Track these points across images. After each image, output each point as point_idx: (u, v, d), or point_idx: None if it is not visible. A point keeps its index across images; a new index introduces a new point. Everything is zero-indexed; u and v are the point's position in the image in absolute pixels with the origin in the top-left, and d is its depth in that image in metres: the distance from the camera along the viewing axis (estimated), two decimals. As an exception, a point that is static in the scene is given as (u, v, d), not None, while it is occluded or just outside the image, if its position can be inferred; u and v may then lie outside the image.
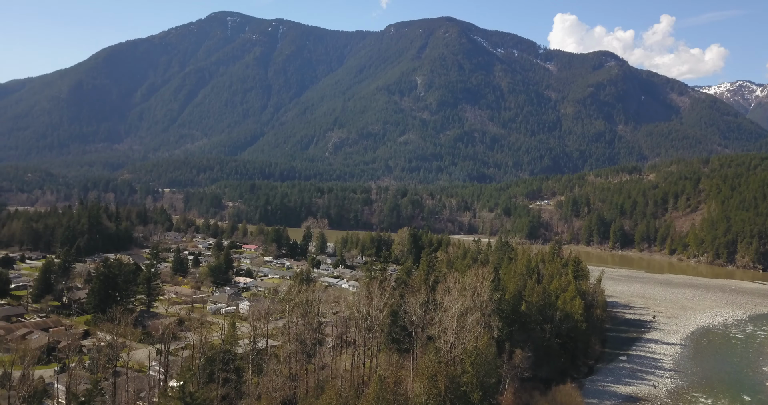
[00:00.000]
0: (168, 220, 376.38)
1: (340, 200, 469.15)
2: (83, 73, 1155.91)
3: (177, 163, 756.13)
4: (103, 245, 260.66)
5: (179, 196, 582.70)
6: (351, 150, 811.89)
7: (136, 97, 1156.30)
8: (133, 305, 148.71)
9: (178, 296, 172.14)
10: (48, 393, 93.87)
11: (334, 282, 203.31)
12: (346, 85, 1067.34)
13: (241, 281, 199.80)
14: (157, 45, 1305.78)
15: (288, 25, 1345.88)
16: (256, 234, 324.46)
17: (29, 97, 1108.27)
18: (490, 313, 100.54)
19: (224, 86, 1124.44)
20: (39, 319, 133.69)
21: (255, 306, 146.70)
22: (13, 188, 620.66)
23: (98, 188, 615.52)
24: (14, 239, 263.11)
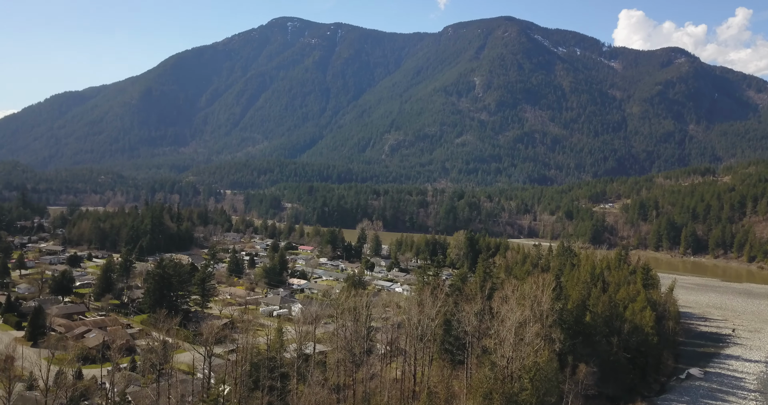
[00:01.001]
0: (228, 221, 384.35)
1: (395, 202, 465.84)
2: (152, 80, 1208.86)
3: (239, 165, 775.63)
4: (165, 245, 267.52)
5: (240, 198, 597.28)
6: (407, 152, 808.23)
7: (201, 101, 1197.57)
8: (187, 306, 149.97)
9: (233, 297, 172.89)
10: (99, 393, 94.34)
11: (388, 285, 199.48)
12: (403, 88, 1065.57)
13: (294, 283, 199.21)
14: (220, 51, 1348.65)
15: (346, 29, 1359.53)
16: (312, 235, 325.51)
17: (103, 103, 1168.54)
18: (551, 324, 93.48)
19: (284, 90, 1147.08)
20: (98, 318, 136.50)
21: (306, 309, 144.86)
22: (87, 189, 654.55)
23: (164, 190, 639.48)
24: (83, 238, 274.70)
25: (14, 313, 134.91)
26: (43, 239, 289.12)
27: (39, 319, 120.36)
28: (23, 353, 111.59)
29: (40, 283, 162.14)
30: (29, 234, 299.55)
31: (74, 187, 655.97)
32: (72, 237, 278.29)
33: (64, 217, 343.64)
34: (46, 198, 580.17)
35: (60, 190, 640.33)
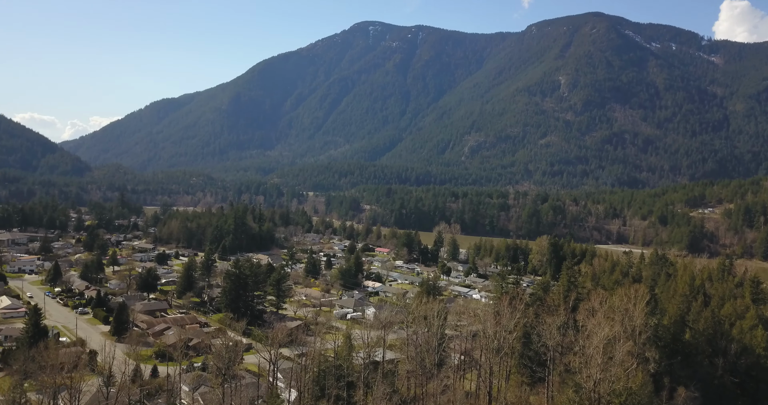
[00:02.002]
0: (308, 221, 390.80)
1: (474, 205, 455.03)
2: (241, 86, 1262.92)
3: (321, 168, 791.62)
4: (247, 245, 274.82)
5: (321, 199, 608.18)
6: (488, 153, 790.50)
7: (286, 106, 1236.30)
8: (262, 306, 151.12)
9: (308, 298, 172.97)
10: (171, 392, 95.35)
11: (465, 291, 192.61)
12: (484, 88, 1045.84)
13: (369, 285, 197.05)
14: (304, 57, 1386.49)
15: (427, 31, 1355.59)
16: (389, 237, 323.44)
17: (196, 109, 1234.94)
18: (645, 341, 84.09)
19: (365, 94, 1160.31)
20: (177, 316, 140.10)
21: (378, 314, 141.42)
22: (180, 190, 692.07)
23: (250, 191, 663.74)
24: (172, 237, 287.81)
25: (103, 308, 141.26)
26: (137, 237, 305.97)
27: (123, 315, 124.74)
28: (106, 347, 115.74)
29: (128, 280, 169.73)
30: (125, 232, 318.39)
31: (169, 188, 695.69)
32: (162, 235, 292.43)
33: (157, 217, 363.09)
34: (144, 198, 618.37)
35: (156, 191, 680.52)
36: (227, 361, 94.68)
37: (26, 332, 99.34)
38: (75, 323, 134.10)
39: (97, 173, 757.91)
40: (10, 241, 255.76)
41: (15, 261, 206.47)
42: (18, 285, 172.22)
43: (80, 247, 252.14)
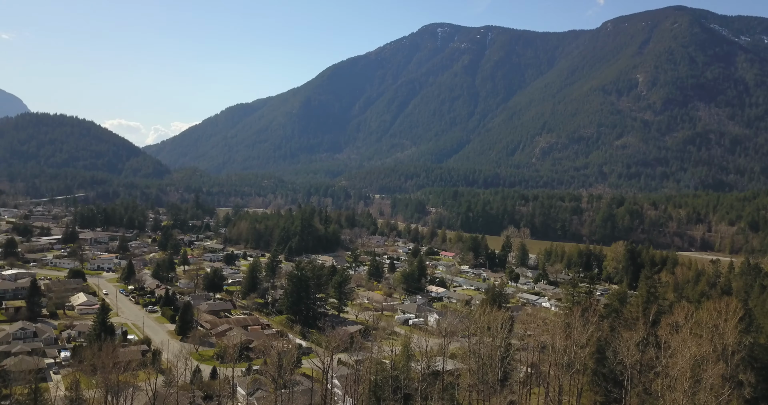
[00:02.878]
0: (373, 224, 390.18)
1: (545, 208, 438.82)
2: (311, 90, 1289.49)
3: (387, 170, 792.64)
4: (313, 246, 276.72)
5: (387, 202, 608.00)
6: (560, 155, 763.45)
7: (354, 109, 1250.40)
8: (324, 309, 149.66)
9: (370, 302, 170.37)
10: (229, 394, 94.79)
11: (533, 299, 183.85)
12: (556, 88, 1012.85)
13: (433, 290, 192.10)
14: (373, 60, 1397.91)
15: (497, 31, 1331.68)
16: (454, 241, 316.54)
17: (269, 113, 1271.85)
18: (739, 363, 74.94)
19: (433, 96, 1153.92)
20: (241, 317, 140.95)
21: (441, 321, 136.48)
22: (252, 192, 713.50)
23: (319, 193, 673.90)
24: (241, 238, 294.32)
25: (171, 306, 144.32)
26: (209, 238, 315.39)
27: (187, 314, 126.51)
28: (169, 346, 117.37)
29: (196, 280, 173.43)
30: (197, 233, 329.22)
31: (241, 191, 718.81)
32: (232, 236, 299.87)
33: (228, 218, 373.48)
34: (218, 200, 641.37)
35: (229, 192, 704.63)
36: (283, 365, 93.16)
37: (93, 330, 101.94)
38: (145, 321, 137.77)
39: (175, 176, 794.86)
40: (93, 240, 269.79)
41: (95, 259, 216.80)
42: (96, 282, 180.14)
43: (155, 247, 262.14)
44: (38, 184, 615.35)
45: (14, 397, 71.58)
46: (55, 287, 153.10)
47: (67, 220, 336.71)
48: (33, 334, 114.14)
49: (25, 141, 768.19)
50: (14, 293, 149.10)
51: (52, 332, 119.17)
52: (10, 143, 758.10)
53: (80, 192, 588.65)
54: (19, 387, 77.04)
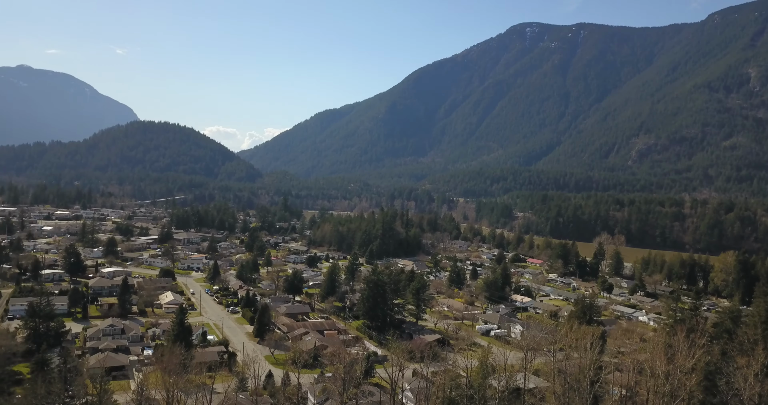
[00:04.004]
0: (456, 228, 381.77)
1: (642, 214, 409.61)
2: (396, 95, 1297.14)
3: (472, 173, 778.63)
4: (394, 250, 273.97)
5: (472, 206, 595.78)
6: (659, 157, 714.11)
7: (439, 113, 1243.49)
8: (402, 315, 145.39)
9: (450, 310, 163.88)
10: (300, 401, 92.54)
11: (629, 312, 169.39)
12: (655, 86, 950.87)
13: (518, 300, 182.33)
14: (459, 63, 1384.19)
15: (589, 29, 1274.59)
16: (542, 248, 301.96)
17: (356, 118, 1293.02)
18: None
19: (521, 97, 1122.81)
20: (317, 320, 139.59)
21: (526, 333, 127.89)
22: (339, 196, 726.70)
23: (402, 197, 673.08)
24: (325, 240, 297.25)
25: (251, 308, 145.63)
26: (294, 239, 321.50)
27: (265, 316, 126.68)
28: (246, 348, 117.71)
29: (276, 281, 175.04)
30: (284, 234, 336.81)
31: (328, 194, 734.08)
32: (316, 238, 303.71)
33: (314, 220, 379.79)
34: (306, 203, 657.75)
35: (317, 196, 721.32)
36: (354, 374, 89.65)
37: (172, 330, 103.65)
38: (225, 321, 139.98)
39: (266, 179, 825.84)
40: (186, 241, 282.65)
41: (186, 259, 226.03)
42: (184, 281, 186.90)
43: (243, 248, 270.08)
44: (143, 187, 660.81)
45: (82, 396, 72.55)
46: (146, 286, 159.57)
47: (164, 221, 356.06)
48: (121, 331, 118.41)
49: (134, 147, 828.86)
50: (110, 290, 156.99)
51: (139, 330, 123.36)
52: (121, 149, 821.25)
53: (179, 194, 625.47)
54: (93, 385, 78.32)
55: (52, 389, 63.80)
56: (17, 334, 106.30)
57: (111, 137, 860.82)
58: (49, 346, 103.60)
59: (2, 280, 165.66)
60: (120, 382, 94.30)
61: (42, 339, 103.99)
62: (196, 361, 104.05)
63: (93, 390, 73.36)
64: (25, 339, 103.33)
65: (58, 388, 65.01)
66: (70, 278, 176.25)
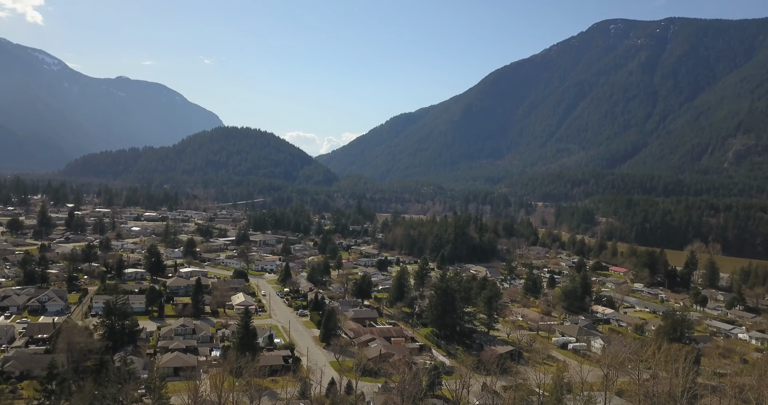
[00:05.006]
0: (533, 234, 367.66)
1: (741, 220, 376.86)
2: (473, 97, 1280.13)
3: (551, 176, 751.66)
4: (467, 255, 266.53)
5: (551, 210, 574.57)
6: (760, 159, 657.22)
7: (517, 115, 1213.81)
8: (472, 324, 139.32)
9: (524, 320, 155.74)
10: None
11: (726, 329, 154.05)
12: (755, 82, 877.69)
13: (599, 311, 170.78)
14: (538, 64, 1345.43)
15: (680, 23, 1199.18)
16: (626, 255, 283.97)
17: (430, 121, 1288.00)
18: None
19: (604, 97, 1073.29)
20: (385, 327, 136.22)
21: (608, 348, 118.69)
22: (412, 199, 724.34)
23: (477, 200, 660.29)
24: (396, 244, 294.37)
25: (319, 311, 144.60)
26: (366, 242, 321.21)
27: (331, 321, 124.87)
28: (311, 353, 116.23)
29: (345, 285, 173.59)
30: (356, 237, 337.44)
31: (402, 197, 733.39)
32: (387, 242, 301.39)
33: (386, 223, 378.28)
34: (379, 206, 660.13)
35: (391, 199, 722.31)
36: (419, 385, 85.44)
37: (237, 333, 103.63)
38: (293, 324, 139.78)
39: (342, 183, 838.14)
40: (262, 242, 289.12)
41: (260, 260, 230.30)
42: (257, 282, 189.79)
43: (315, 250, 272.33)
44: (225, 190, 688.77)
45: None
46: (219, 286, 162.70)
47: (242, 223, 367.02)
48: (192, 331, 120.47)
49: (218, 151, 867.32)
50: (185, 290, 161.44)
51: (209, 330, 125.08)
52: (206, 154, 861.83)
53: (259, 197, 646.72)
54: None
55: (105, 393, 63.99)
56: (95, 331, 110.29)
57: (197, 142, 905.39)
58: (123, 344, 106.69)
59: (90, 278, 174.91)
60: (186, 383, 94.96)
61: (117, 337, 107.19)
62: (260, 365, 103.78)
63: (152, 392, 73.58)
64: (101, 336, 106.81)
65: (111, 393, 65.18)
66: (151, 277, 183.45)
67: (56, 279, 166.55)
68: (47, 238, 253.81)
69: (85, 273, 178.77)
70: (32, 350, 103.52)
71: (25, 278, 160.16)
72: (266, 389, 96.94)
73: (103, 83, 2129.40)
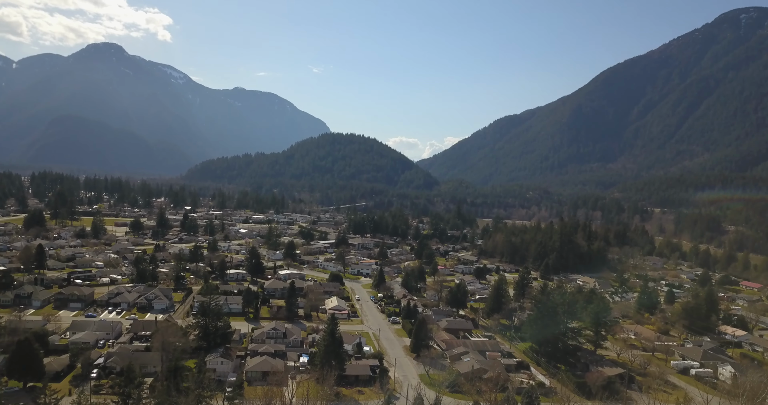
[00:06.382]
0: (650, 242, 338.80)
1: None
2: (582, 97, 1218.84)
3: (671, 181, 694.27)
4: (573, 265, 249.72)
5: (669, 217, 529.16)
6: None
7: (631, 115, 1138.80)
8: (577, 342, 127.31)
9: (638, 339, 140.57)
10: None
11: None
12: None
13: (728, 332, 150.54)
14: (655, 60, 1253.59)
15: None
16: (761, 268, 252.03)
17: (536, 124, 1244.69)
18: None
19: (733, 94, 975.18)
20: (479, 340, 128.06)
21: (741, 376, 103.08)
22: (516, 204, 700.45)
23: (587, 206, 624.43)
24: (496, 250, 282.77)
25: (411, 319, 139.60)
26: (465, 248, 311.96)
27: (422, 331, 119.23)
28: (400, 364, 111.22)
29: (440, 293, 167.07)
30: (455, 243, 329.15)
31: (505, 202, 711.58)
32: (487, 248, 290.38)
33: (486, 229, 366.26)
34: (480, 211, 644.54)
35: (493, 204, 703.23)
36: None
37: (323, 340, 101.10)
38: (384, 331, 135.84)
39: (443, 187, 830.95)
40: (360, 246, 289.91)
41: (357, 264, 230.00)
42: (351, 286, 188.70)
43: (412, 255, 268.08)
44: (330, 194, 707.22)
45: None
46: (314, 289, 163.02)
47: (343, 226, 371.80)
48: (283, 335, 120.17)
49: (324, 157, 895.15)
50: (281, 292, 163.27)
51: (300, 335, 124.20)
52: (313, 160, 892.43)
53: (361, 201, 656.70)
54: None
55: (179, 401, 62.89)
56: (191, 331, 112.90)
57: (305, 148, 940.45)
58: (215, 345, 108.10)
59: (196, 278, 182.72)
60: (273, 389, 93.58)
61: (210, 337, 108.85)
62: (346, 374, 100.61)
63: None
64: (196, 337, 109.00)
65: (189, 401, 64.05)
66: (251, 278, 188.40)
67: (165, 278, 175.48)
68: (163, 239, 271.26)
69: (191, 273, 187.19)
70: (134, 347, 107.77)
71: (138, 276, 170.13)
72: (351, 400, 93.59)
73: (222, 94, 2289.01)
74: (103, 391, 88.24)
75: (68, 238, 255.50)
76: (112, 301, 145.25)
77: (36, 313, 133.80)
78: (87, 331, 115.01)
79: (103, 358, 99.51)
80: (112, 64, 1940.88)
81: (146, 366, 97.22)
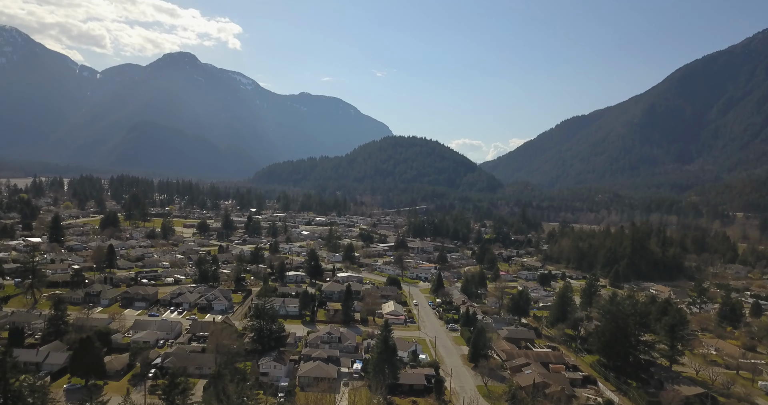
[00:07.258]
0: (731, 249, 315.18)
1: None
2: (656, 96, 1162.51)
3: (756, 183, 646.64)
4: (646, 272, 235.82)
5: (754, 223, 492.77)
6: None
7: (710, 114, 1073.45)
8: (650, 356, 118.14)
9: (719, 355, 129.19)
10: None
11: None
12: None
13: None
14: (738, 55, 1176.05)
15: None
16: None
17: (606, 124, 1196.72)
18: None
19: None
20: (542, 351, 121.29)
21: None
22: (584, 208, 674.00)
23: (661, 210, 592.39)
24: (562, 256, 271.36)
25: (470, 327, 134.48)
26: (529, 254, 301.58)
27: (480, 340, 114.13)
28: (458, 374, 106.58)
29: (501, 300, 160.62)
30: (518, 248, 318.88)
31: (572, 205, 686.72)
32: (552, 254, 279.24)
33: (552, 234, 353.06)
34: (546, 215, 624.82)
35: (560, 207, 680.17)
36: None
37: (376, 347, 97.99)
38: (441, 339, 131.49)
39: (507, 190, 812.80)
40: (419, 249, 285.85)
41: (416, 268, 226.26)
42: (409, 291, 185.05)
43: (473, 260, 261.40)
44: (391, 196, 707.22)
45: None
46: (372, 293, 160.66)
47: (403, 229, 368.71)
48: (338, 340, 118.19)
49: (386, 160, 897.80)
50: (338, 295, 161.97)
51: (355, 340, 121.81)
52: (375, 163, 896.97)
53: (422, 204, 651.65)
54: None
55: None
56: (247, 334, 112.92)
57: (368, 152, 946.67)
58: (270, 349, 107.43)
59: (256, 279, 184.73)
60: (324, 396, 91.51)
61: (264, 340, 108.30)
62: (400, 382, 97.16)
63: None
64: (251, 339, 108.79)
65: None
66: (310, 281, 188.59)
67: (226, 279, 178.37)
68: (227, 240, 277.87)
69: (252, 274, 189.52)
70: (191, 347, 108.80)
71: (200, 277, 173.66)
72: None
73: (288, 99, 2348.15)
74: (158, 391, 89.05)
75: (139, 238, 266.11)
76: (174, 301, 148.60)
77: (103, 311, 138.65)
78: (148, 330, 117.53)
79: (160, 358, 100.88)
80: (186, 72, 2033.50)
81: (201, 367, 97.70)
